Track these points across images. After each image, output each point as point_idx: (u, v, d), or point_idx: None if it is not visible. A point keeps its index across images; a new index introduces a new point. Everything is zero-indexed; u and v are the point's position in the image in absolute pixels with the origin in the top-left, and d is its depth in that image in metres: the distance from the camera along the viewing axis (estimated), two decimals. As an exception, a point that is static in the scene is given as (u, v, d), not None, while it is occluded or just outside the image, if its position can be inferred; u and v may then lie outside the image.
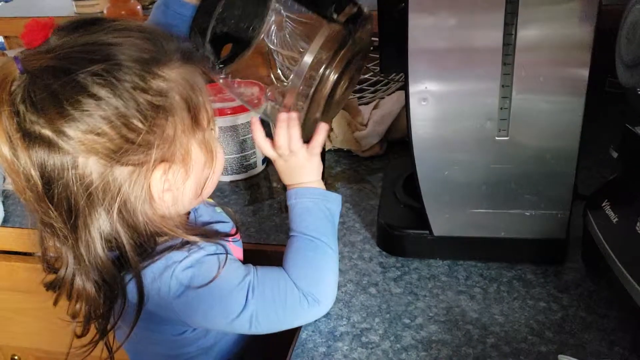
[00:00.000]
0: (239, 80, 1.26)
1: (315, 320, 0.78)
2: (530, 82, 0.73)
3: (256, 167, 1.16)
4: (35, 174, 0.60)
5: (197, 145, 0.68)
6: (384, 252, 0.90)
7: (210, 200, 0.86)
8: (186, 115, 0.65)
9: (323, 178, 0.84)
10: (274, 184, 1.13)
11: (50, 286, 0.71)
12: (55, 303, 0.72)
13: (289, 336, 0.78)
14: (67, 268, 0.67)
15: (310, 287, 0.72)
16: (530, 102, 0.74)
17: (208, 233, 0.74)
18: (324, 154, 0.90)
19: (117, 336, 0.73)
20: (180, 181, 0.67)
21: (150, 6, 1.65)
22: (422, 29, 0.72)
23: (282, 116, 0.77)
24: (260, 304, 0.70)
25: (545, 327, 0.74)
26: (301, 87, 0.77)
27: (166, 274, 0.66)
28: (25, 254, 1.09)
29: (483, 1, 0.70)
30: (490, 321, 0.76)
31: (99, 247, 0.64)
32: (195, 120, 0.66)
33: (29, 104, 0.57)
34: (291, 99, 0.79)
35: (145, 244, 0.66)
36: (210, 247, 0.70)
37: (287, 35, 1.32)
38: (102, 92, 0.58)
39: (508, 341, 0.72)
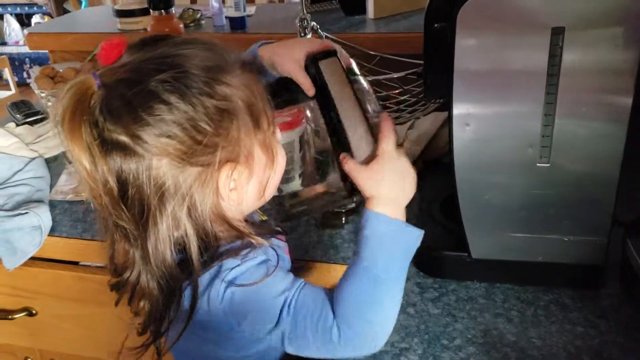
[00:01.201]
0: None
1: (355, 338, 0.79)
2: (572, 108, 0.74)
3: (294, 180, 1.19)
4: (111, 179, 0.64)
5: (259, 147, 0.71)
6: (421, 273, 0.91)
7: (262, 215, 0.89)
8: (248, 118, 0.69)
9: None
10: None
11: (115, 287, 0.75)
12: (117, 303, 0.76)
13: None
14: (133, 269, 0.70)
15: (348, 320, 0.67)
16: (572, 127, 0.75)
17: (266, 230, 0.78)
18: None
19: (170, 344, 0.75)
20: (244, 181, 0.70)
21: (191, 25, 1.69)
22: (468, 53, 0.74)
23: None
24: (292, 323, 0.68)
25: (583, 352, 0.75)
26: None
27: (217, 279, 0.69)
28: (70, 262, 1.13)
29: (529, 25, 0.72)
30: (528, 345, 0.77)
31: (167, 247, 0.67)
32: (256, 123, 0.70)
33: (107, 113, 0.63)
34: None
35: (209, 246, 0.70)
36: (262, 256, 0.71)
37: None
38: (172, 98, 0.63)
39: (546, 365, 0.73)
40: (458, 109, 0.77)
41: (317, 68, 0.78)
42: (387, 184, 0.71)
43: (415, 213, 1.06)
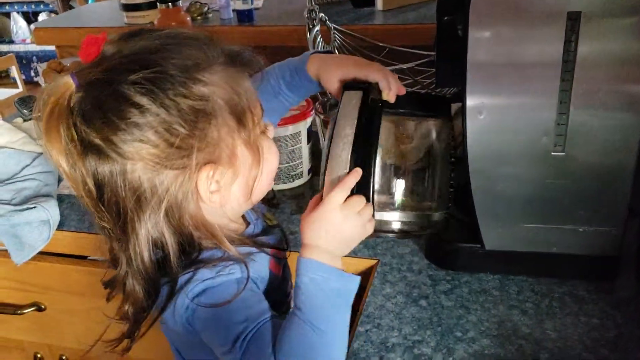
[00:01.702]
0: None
1: (367, 331, 0.78)
2: (588, 98, 0.73)
3: (302, 177, 1.18)
4: (89, 181, 0.63)
5: (243, 146, 0.68)
6: (433, 265, 0.90)
7: (272, 221, 0.86)
8: (230, 117, 0.66)
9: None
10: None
11: (107, 284, 0.74)
12: (108, 300, 0.75)
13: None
14: (121, 268, 0.69)
15: None
16: (588, 117, 0.74)
17: (258, 243, 0.75)
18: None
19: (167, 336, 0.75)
20: (229, 182, 0.68)
21: (198, 18, 1.68)
22: (481, 43, 0.73)
23: None
24: (242, 356, 0.65)
25: (599, 344, 0.74)
26: None
27: (186, 288, 0.67)
28: (78, 257, 1.12)
29: (544, 16, 0.70)
30: (543, 336, 0.75)
31: (145, 251, 0.66)
32: (239, 121, 0.67)
33: (81, 116, 0.61)
34: None
35: (190, 249, 0.68)
36: (238, 273, 0.68)
37: (336, 49, 1.34)
38: (144, 101, 0.60)
39: (562, 357, 0.72)
40: (471, 98, 0.76)
41: (341, 97, 0.76)
42: (323, 233, 0.68)
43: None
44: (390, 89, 0.79)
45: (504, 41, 0.73)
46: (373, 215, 0.71)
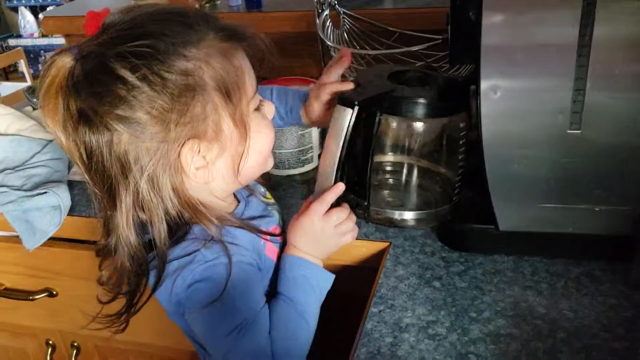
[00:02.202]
0: (293, 78, 1.27)
1: (380, 311, 0.78)
2: (604, 77, 0.72)
3: (312, 161, 1.17)
4: (81, 150, 0.66)
5: (231, 122, 0.69)
6: (446, 247, 0.89)
7: (269, 199, 0.87)
8: (216, 93, 0.67)
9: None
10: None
11: (99, 252, 0.76)
12: (100, 268, 0.78)
13: (352, 327, 0.79)
14: (111, 238, 0.71)
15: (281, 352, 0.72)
16: (604, 96, 0.73)
17: (248, 227, 0.75)
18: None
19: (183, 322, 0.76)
20: (214, 158, 0.69)
21: (206, 5, 1.67)
22: (496, 23, 0.72)
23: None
24: (235, 345, 0.70)
25: (616, 323, 0.73)
26: None
27: (186, 270, 0.68)
28: (90, 242, 1.12)
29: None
30: (559, 316, 0.75)
31: (130, 223, 0.68)
32: (227, 97, 0.68)
33: (74, 86, 0.64)
34: None
35: (177, 227, 0.70)
36: (237, 257, 0.70)
37: (345, 34, 1.33)
38: (128, 74, 0.63)
39: (579, 337, 0.71)
40: (485, 79, 0.75)
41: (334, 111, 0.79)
42: (304, 239, 0.77)
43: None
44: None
45: (518, 21, 0.72)
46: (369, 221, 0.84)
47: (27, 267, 1.16)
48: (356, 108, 0.76)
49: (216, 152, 0.69)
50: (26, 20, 5.15)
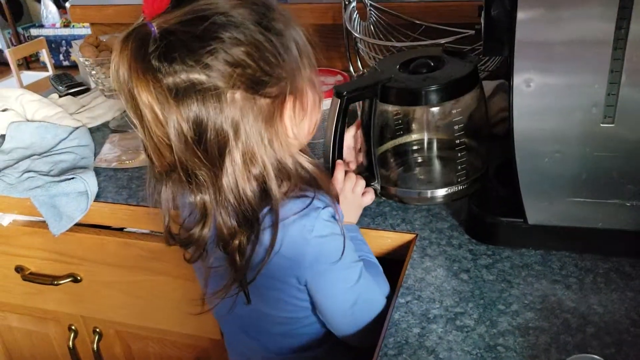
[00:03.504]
0: (319, 69, 1.27)
1: (407, 302, 0.78)
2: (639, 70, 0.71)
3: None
4: (186, 126, 0.65)
5: (308, 84, 0.75)
6: (473, 240, 0.89)
7: None
8: (297, 55, 0.71)
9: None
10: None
11: (183, 243, 0.77)
12: (189, 260, 0.79)
13: (379, 317, 0.79)
14: (204, 221, 0.71)
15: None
16: (639, 90, 0.72)
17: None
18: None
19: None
20: (299, 117, 0.74)
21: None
22: (530, 17, 0.71)
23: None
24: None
25: (647, 319, 0.72)
26: None
27: (313, 214, 0.72)
28: (115, 229, 1.13)
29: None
30: (589, 311, 0.74)
31: (245, 180, 0.69)
32: (303, 60, 0.73)
33: (173, 56, 0.63)
34: None
35: (285, 180, 0.72)
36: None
37: (372, 26, 1.33)
38: (237, 31, 0.65)
39: (609, 331, 0.71)
40: (519, 72, 0.74)
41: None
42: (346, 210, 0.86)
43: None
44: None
45: (552, 12, 0.71)
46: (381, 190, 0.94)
47: (53, 252, 1.17)
48: (345, 98, 0.87)
49: (300, 111, 0.74)
50: (48, 10, 5.19)
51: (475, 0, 1.29)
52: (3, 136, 1.27)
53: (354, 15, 1.30)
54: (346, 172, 0.91)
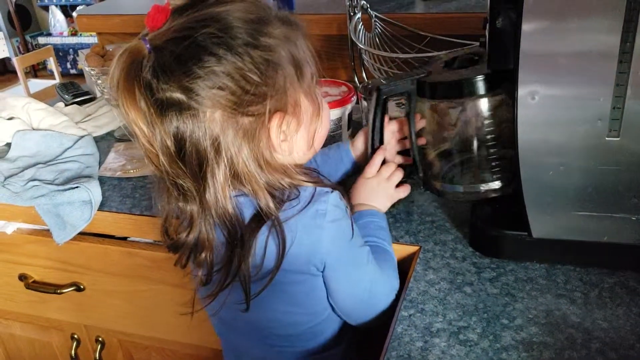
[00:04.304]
0: (323, 80, 1.27)
1: (410, 315, 0.77)
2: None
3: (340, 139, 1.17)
4: (168, 139, 0.67)
5: (304, 97, 0.74)
6: (477, 253, 0.88)
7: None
8: (291, 68, 0.71)
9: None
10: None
11: (171, 247, 0.78)
12: (176, 264, 0.79)
13: (381, 330, 0.78)
14: (190, 228, 0.72)
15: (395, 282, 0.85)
16: (645, 104, 0.72)
17: (324, 182, 0.80)
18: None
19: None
20: (293, 131, 0.74)
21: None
22: (535, 29, 0.71)
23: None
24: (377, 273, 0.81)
25: (653, 336, 0.71)
26: None
27: (322, 199, 0.73)
28: (119, 238, 1.13)
29: (601, 5, 0.68)
30: (594, 326, 0.73)
31: (227, 197, 0.70)
32: (300, 73, 0.73)
33: (160, 72, 0.65)
34: None
35: (276, 194, 0.72)
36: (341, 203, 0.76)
37: (377, 37, 1.33)
38: (220, 50, 0.65)
39: (614, 347, 0.70)
40: (523, 85, 0.74)
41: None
42: (365, 195, 0.91)
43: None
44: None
45: (558, 24, 0.71)
46: (410, 178, 0.95)
47: (56, 261, 1.17)
48: (381, 94, 0.89)
49: (294, 125, 0.74)
50: (56, 19, 5.23)
51: (480, 12, 1.29)
52: (9, 144, 1.28)
53: (359, 27, 1.30)
54: (386, 161, 0.94)
